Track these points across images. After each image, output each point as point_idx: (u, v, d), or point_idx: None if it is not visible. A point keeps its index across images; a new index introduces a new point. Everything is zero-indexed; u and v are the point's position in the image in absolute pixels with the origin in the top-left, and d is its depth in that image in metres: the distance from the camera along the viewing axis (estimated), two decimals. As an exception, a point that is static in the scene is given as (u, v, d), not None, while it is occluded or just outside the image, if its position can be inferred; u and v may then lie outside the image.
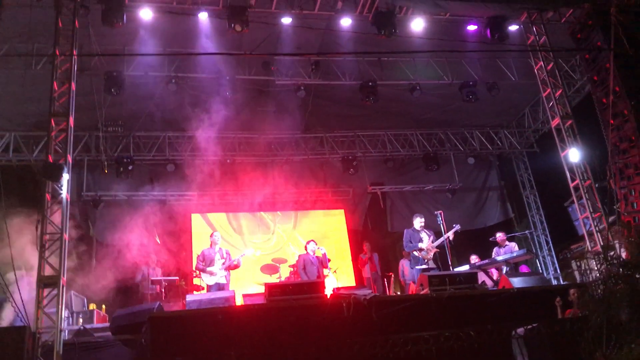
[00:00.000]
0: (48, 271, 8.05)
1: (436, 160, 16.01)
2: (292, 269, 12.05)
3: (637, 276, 6.31)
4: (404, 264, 12.83)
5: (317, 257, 11.18)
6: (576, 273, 14.48)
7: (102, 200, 13.95)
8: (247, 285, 13.21)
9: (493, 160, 17.68)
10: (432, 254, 10.39)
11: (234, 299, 8.37)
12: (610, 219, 10.39)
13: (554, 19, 11.83)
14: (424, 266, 10.22)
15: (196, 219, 14.89)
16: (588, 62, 11.07)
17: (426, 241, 10.41)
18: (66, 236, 8.29)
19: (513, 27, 11.89)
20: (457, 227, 10.43)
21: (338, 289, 11.73)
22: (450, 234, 10.30)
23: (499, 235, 11.73)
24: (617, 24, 9.80)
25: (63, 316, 7.94)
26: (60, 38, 9.36)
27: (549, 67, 11.56)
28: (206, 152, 14.78)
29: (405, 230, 10.81)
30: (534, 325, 6.80)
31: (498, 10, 11.41)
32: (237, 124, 13.79)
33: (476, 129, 16.79)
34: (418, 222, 10.69)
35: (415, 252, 10.39)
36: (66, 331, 8.35)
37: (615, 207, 10.11)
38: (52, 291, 7.95)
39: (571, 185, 11.12)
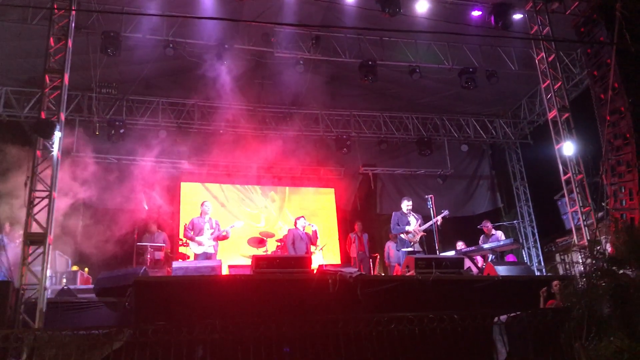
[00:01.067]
0: (35, 229, 7.99)
1: (430, 145, 16.01)
2: (279, 244, 12.05)
3: (621, 272, 6.36)
4: (390, 246, 12.91)
5: (306, 233, 11.19)
6: (560, 266, 14.66)
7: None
8: (233, 257, 13.18)
9: (486, 149, 17.71)
10: (418, 237, 10.41)
11: (221, 268, 8.36)
12: (599, 214, 10.47)
13: (559, 10, 11.76)
14: (410, 249, 10.25)
15: (186, 188, 14.82)
16: (589, 56, 11.04)
17: (414, 224, 10.43)
18: (55, 194, 8.22)
19: (517, 16, 11.84)
20: (446, 212, 10.48)
21: (324, 266, 11.77)
22: (439, 219, 10.34)
23: (486, 224, 11.80)
24: (622, 20, 9.75)
25: (47, 275, 7.91)
26: (58, -8, 9.19)
27: (550, 59, 11.52)
28: (199, 120, 14.71)
29: (393, 213, 10.83)
30: (516, 313, 6.84)
31: (504, -3, 11.34)
32: (233, 94, 13.64)
33: (472, 117, 16.78)
34: (405, 205, 10.69)
35: (402, 235, 10.41)
36: (49, 290, 8.32)
37: (604, 203, 10.17)
38: (38, 249, 7.91)
39: (563, 178, 11.16)
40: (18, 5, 10.59)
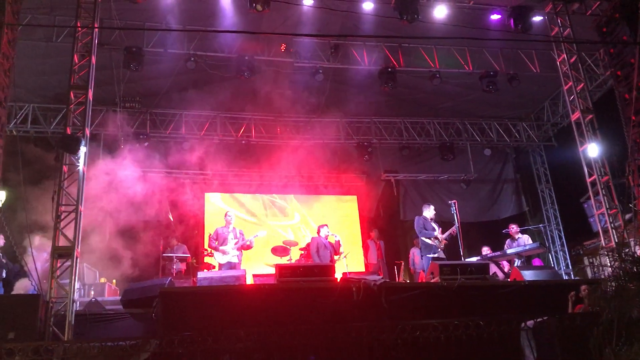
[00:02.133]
0: (62, 242, 8.14)
1: (452, 150, 15.91)
2: (302, 252, 12.08)
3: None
4: (414, 253, 12.84)
5: (330, 242, 11.20)
6: (588, 269, 14.42)
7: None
8: (257, 266, 13.24)
9: (509, 153, 17.55)
10: (443, 244, 10.40)
11: (245, 278, 8.40)
12: (627, 216, 10.28)
13: (579, 11, 11.66)
14: (435, 255, 10.20)
15: (210, 198, 14.97)
16: (612, 56, 10.89)
17: (437, 231, 10.42)
18: (81, 208, 8.37)
19: (537, 18, 11.76)
20: (454, 227, 10.38)
21: (348, 273, 11.76)
22: (454, 229, 10.27)
23: (513, 227, 11.67)
24: (645, 19, 9.62)
25: (75, 287, 8.05)
26: (81, 11, 9.39)
27: (572, 60, 11.40)
28: (222, 131, 14.86)
29: (416, 218, 10.78)
30: (544, 318, 6.76)
31: (523, 0, 11.25)
32: (254, 104, 13.79)
33: (494, 120, 16.65)
34: (429, 211, 10.65)
35: (427, 240, 10.36)
36: (77, 302, 8.45)
37: (631, 204, 9.99)
38: (66, 262, 8.05)
39: (588, 180, 11.00)
40: (43, 25, 10.86)
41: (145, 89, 13.50)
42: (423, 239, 10.50)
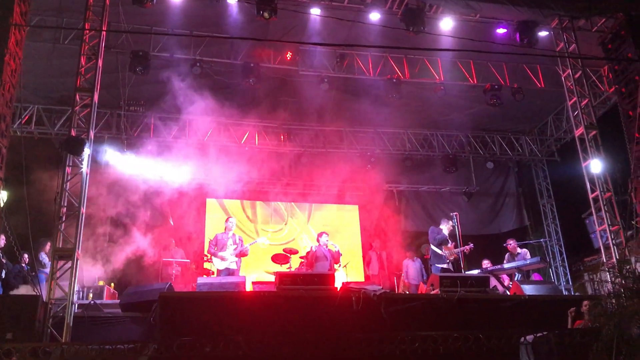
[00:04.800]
0: (63, 244, 8.15)
1: (454, 162, 15.92)
2: (302, 260, 12.06)
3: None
4: (407, 265, 12.78)
5: (329, 250, 11.19)
6: (588, 285, 14.38)
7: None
8: (257, 274, 13.23)
9: (512, 167, 17.56)
10: (453, 258, 10.44)
11: (245, 284, 8.38)
12: (628, 233, 10.26)
13: (585, 27, 11.70)
14: (445, 265, 10.23)
15: (211, 204, 14.97)
16: (617, 73, 10.92)
17: (450, 244, 10.48)
18: (83, 210, 8.37)
19: (543, 33, 11.79)
20: (471, 245, 10.50)
21: (347, 283, 11.73)
22: (467, 248, 10.37)
23: (510, 243, 11.67)
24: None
25: (75, 289, 8.04)
26: (90, 13, 9.44)
27: (576, 76, 11.42)
28: (225, 137, 14.87)
29: (432, 227, 10.89)
30: (544, 333, 6.73)
31: (529, 15, 11.27)
32: (258, 111, 13.82)
33: (497, 134, 16.66)
34: (446, 227, 10.72)
35: (438, 250, 10.40)
36: (76, 305, 8.44)
37: (633, 221, 9.98)
38: (66, 264, 8.05)
39: (591, 196, 10.98)
40: (51, 27, 10.91)
41: (150, 93, 13.52)
42: (434, 248, 10.53)
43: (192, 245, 13.33)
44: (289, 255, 11.95)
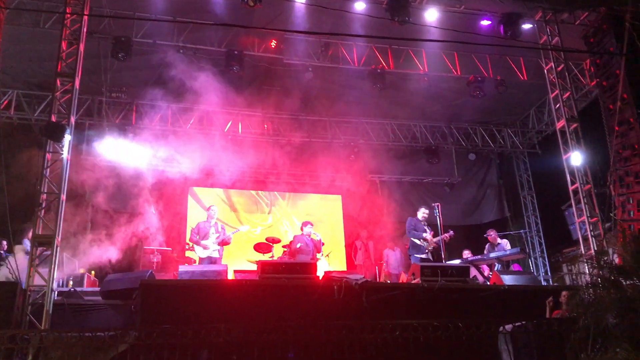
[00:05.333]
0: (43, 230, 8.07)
1: (437, 153, 16.02)
2: (285, 249, 12.06)
3: (628, 283, 6.33)
4: (388, 254, 12.88)
5: (312, 239, 11.20)
6: (566, 276, 14.58)
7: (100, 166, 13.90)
8: (239, 263, 13.22)
9: (493, 158, 17.69)
10: (432, 247, 10.48)
11: (227, 273, 8.38)
12: (607, 225, 10.43)
13: (569, 20, 11.79)
14: (424, 256, 10.28)
15: (193, 192, 14.89)
16: (599, 66, 11.06)
17: (428, 233, 10.50)
18: (63, 197, 8.28)
19: (527, 26, 11.87)
20: (451, 232, 10.54)
21: (329, 272, 11.77)
22: (446, 236, 10.39)
23: (491, 234, 11.78)
24: (632, 30, 9.76)
25: (54, 277, 7.97)
26: (71, -3, 9.31)
27: (559, 69, 11.54)
28: (208, 125, 14.77)
29: (409, 218, 10.88)
30: (522, 323, 6.82)
31: (513, 7, 11.38)
32: (242, 99, 13.73)
33: (480, 125, 16.78)
34: (422, 212, 10.75)
35: (417, 241, 10.45)
36: (56, 292, 8.37)
37: (612, 214, 10.14)
38: (46, 251, 7.97)
39: (570, 188, 11.13)
40: (31, 9, 10.72)
41: (132, 80, 13.38)
42: (412, 239, 10.58)
43: (174, 233, 13.25)
44: (271, 244, 11.95)
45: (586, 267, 7.87)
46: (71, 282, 10.15)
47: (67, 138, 8.51)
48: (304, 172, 15.46)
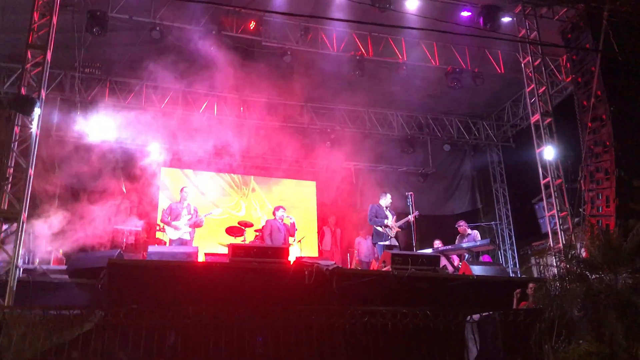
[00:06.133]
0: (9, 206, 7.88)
1: (412, 143, 16.09)
2: (257, 234, 12.01)
3: (593, 277, 6.45)
4: (360, 242, 12.93)
5: (284, 224, 11.16)
6: (534, 269, 14.81)
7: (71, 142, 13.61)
8: (210, 245, 13.13)
9: (468, 150, 17.82)
10: (394, 232, 10.47)
11: (197, 255, 8.31)
12: (576, 220, 10.59)
13: (547, 15, 11.88)
14: (387, 242, 10.30)
15: (165, 173, 14.69)
16: (575, 62, 11.15)
17: (390, 219, 10.48)
18: (31, 172, 8.09)
19: (506, 19, 11.94)
20: (416, 213, 10.51)
21: (301, 258, 11.76)
22: (410, 218, 10.39)
23: (461, 225, 11.90)
24: (608, 28, 9.86)
25: (20, 253, 7.80)
26: (44, -34, 9.03)
27: (536, 63, 11.64)
28: (183, 106, 14.55)
29: (370, 205, 10.83)
30: (489, 313, 6.91)
31: (494, 0, 11.39)
32: (218, 81, 13.52)
33: (456, 117, 16.87)
34: (385, 200, 10.73)
35: (379, 228, 10.45)
36: (21, 269, 8.20)
37: (581, 209, 10.29)
38: (11, 227, 7.79)
39: (542, 182, 11.28)
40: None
41: (106, 56, 13.08)
42: (374, 226, 10.58)
43: (145, 213, 13.06)
44: (243, 228, 11.89)
45: (554, 260, 7.99)
46: (37, 260, 9.97)
47: (37, 112, 8.30)
48: (279, 157, 15.36)
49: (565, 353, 5.84)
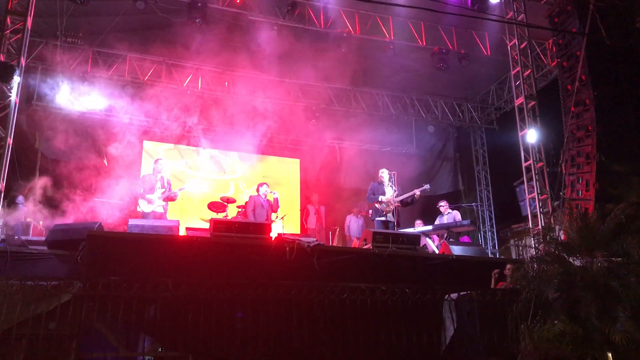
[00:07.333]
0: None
1: (397, 123, 16.09)
2: (239, 210, 11.97)
3: (570, 259, 6.55)
4: (351, 220, 13.01)
5: (267, 200, 11.13)
6: (513, 250, 15.02)
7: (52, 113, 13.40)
8: (192, 221, 13.08)
9: (452, 132, 17.88)
10: (392, 207, 10.45)
11: (178, 229, 8.26)
12: (555, 203, 10.71)
13: (535, -2, 11.87)
14: (383, 218, 10.36)
15: (148, 147, 14.56)
16: (560, 46, 11.18)
17: (389, 194, 10.43)
18: (10, 141, 7.97)
19: (494, 0, 11.89)
20: (427, 186, 10.55)
21: (283, 234, 11.76)
22: (417, 192, 10.42)
23: (442, 205, 12.00)
24: (595, 13, 9.88)
25: (-2, 223, 7.72)
26: None
27: (522, 46, 11.66)
28: (167, 79, 14.36)
29: (371, 183, 10.85)
30: (467, 292, 6.99)
31: (482, -19, 11.37)
32: (203, 54, 13.38)
33: (441, 98, 16.88)
34: (383, 174, 10.71)
35: (376, 205, 10.48)
36: (-1, 239, 8.11)
37: (561, 192, 10.41)
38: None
39: (524, 165, 11.38)
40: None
41: (90, 26, 12.82)
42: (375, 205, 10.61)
43: (126, 186, 12.95)
44: (226, 203, 11.83)
45: (532, 242, 8.09)
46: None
47: (17, 80, 8.15)
48: (263, 133, 15.26)
49: (540, 333, 5.94)
